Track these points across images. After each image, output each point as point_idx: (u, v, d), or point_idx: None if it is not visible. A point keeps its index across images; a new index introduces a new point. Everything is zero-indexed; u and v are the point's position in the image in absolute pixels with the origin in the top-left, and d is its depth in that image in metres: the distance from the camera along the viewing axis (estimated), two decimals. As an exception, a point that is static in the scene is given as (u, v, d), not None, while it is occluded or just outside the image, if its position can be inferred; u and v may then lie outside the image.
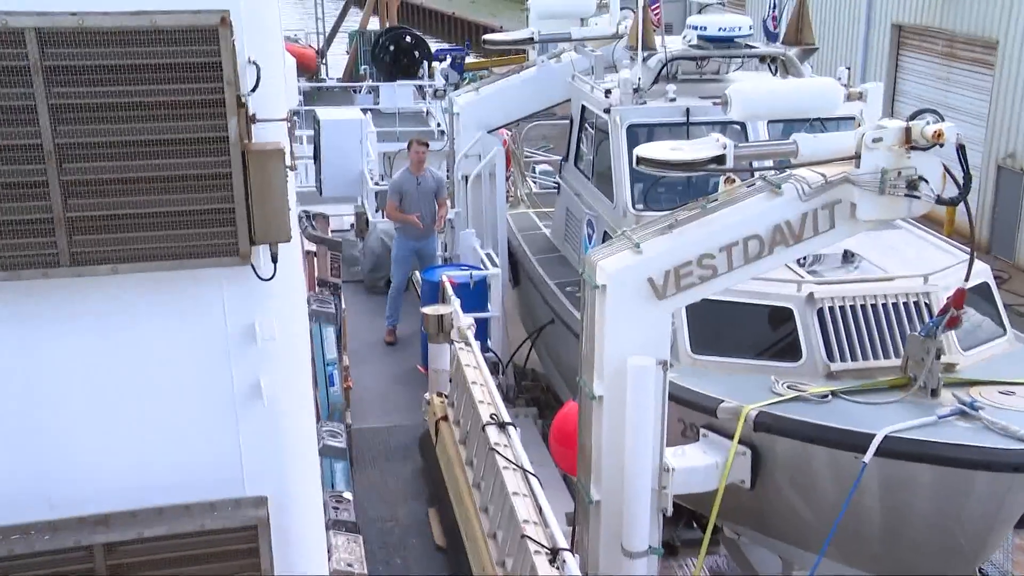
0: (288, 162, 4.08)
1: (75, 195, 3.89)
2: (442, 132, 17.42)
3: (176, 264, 4.03)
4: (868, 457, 6.74)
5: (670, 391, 6.72)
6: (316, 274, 9.14)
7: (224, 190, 3.99)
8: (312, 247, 9.16)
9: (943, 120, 6.29)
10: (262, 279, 4.18)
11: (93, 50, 3.77)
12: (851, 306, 7.98)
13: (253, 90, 3.99)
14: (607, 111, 9.94)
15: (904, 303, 7.99)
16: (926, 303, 7.96)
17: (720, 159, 6.49)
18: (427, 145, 11.80)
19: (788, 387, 7.50)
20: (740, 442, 7.27)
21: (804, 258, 8.49)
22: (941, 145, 6.20)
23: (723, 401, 7.47)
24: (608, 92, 10.10)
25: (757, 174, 6.96)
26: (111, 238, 3.95)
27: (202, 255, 4.04)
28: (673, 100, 9.72)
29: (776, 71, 10.47)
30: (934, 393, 7.16)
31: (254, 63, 3.98)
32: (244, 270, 4.13)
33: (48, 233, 3.89)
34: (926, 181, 6.30)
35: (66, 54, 3.76)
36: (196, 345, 4.23)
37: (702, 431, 7.52)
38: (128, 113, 3.85)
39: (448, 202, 12.12)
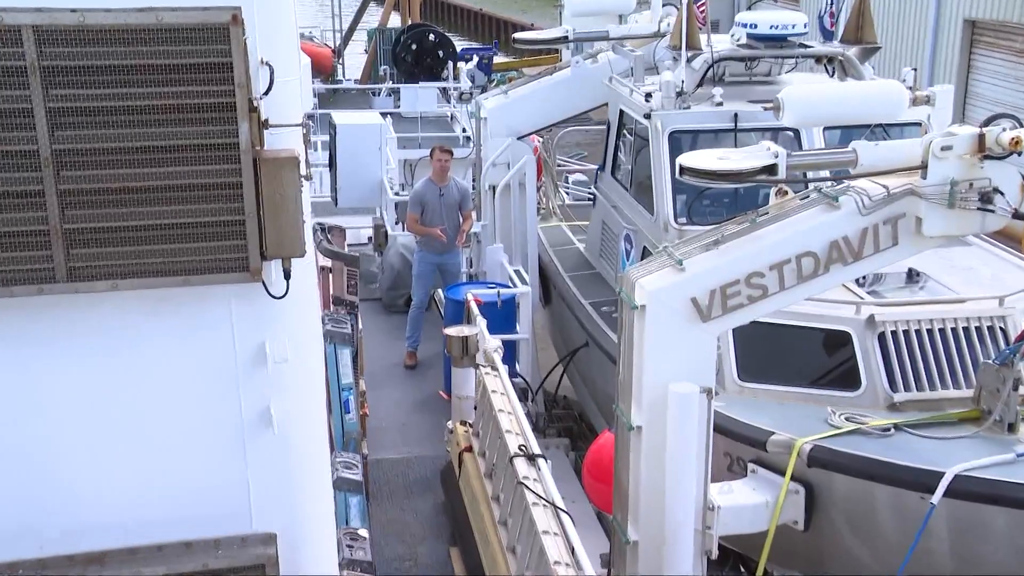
0: (303, 171, 4.10)
1: (73, 205, 3.92)
2: (468, 138, 17.48)
3: (181, 280, 4.06)
4: (936, 498, 6.64)
5: (715, 422, 6.66)
6: (331, 292, 9.17)
7: (234, 201, 4.01)
8: (327, 262, 9.19)
9: (1022, 126, 6.21)
10: (274, 297, 4.19)
11: (94, 49, 3.81)
12: (916, 330, 7.90)
13: (266, 93, 4.01)
14: (647, 116, 9.93)
15: (976, 327, 7.89)
16: (1001, 328, 7.86)
17: (771, 169, 6.45)
18: (451, 152, 11.86)
19: (846, 419, 7.43)
20: (793, 479, 7.20)
21: (864, 278, 8.42)
22: (1019, 154, 6.12)
23: (774, 433, 7.41)
24: (648, 96, 10.09)
25: (812, 186, 6.91)
26: (111, 252, 3.98)
27: (209, 271, 4.06)
28: (720, 104, 9.70)
29: (833, 73, 10.41)
30: (1011, 428, 7.05)
31: (267, 64, 4.00)
32: (254, 287, 4.14)
33: (44, 246, 3.93)
34: (1001, 193, 6.22)
35: (66, 53, 3.80)
36: (202, 368, 4.25)
37: (751, 466, 7.47)
38: (131, 117, 3.88)
39: (473, 214, 12.15)
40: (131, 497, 4.26)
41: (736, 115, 9.62)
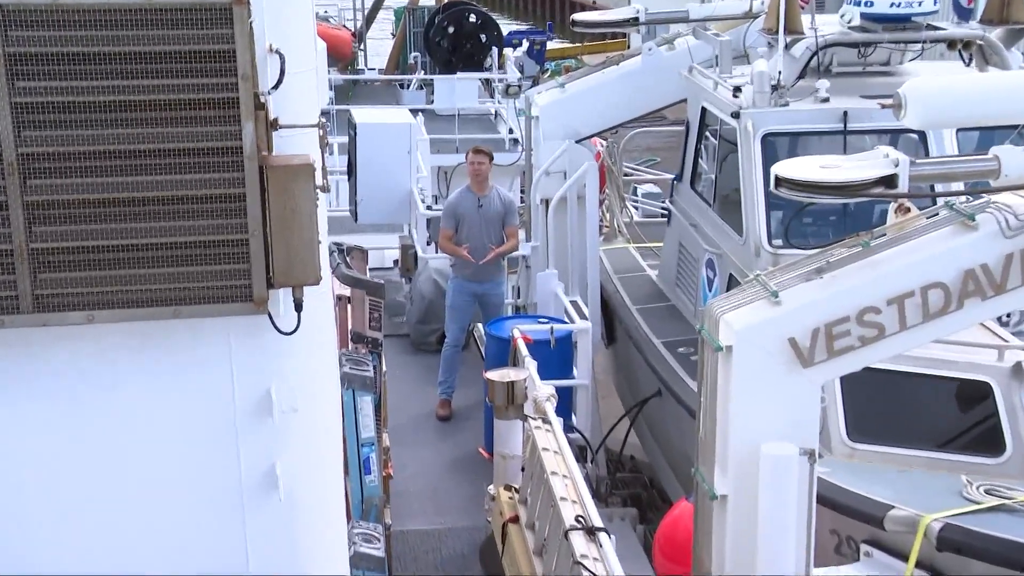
0: (319, 181, 4.13)
1: (42, 220, 3.97)
2: (515, 141, 17.51)
3: (171, 312, 4.09)
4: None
5: (819, 492, 6.58)
6: (350, 326, 9.20)
7: (235, 216, 4.05)
8: (345, 291, 9.22)
9: None
10: (282, 333, 4.22)
11: (70, 34, 3.87)
12: (1075, 382, 7.78)
13: (275, 87, 4.06)
14: (735, 115, 9.90)
15: None
16: None
17: (890, 181, 6.40)
18: (489, 155, 11.86)
19: (985, 491, 7.34)
20: (918, 565, 7.12)
21: (1007, 316, 8.30)
22: None
23: (893, 508, 7.34)
24: (737, 90, 10.06)
25: (941, 201, 6.84)
26: (87, 277, 4.03)
27: (205, 301, 4.10)
28: (826, 100, 9.65)
29: (970, 60, 10.31)
30: None
31: (277, 52, 4.05)
32: (259, 321, 4.17)
33: (6, 270, 3.98)
34: None
35: (35, 38, 3.86)
36: (194, 418, 4.28)
37: (864, 548, 7.40)
38: (113, 116, 3.94)
39: (519, 232, 12.15)
40: (107, 572, 4.28)
41: (846, 114, 9.56)
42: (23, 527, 4.23)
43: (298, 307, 4.21)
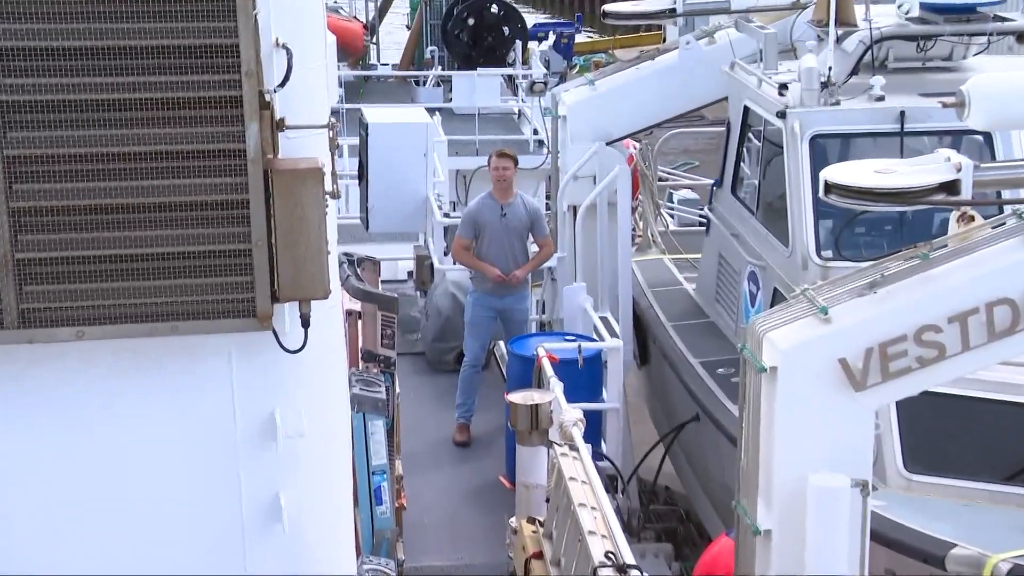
0: (328, 186, 4.15)
1: (28, 228, 4.00)
2: (540, 143, 17.52)
3: (168, 328, 4.11)
4: None
5: (873, 527, 6.56)
6: (361, 344, 9.22)
7: (237, 225, 4.07)
8: (355, 306, 9.25)
9: None
10: (287, 351, 4.24)
11: (58, 27, 3.90)
12: None
13: (282, 85, 4.08)
14: (781, 115, 9.89)
15: None
16: None
17: (951, 187, 6.38)
18: (515, 159, 11.87)
19: (1055, 527, 7.28)
20: (982, 609, 7.05)
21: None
22: None
23: (955, 546, 7.28)
24: (784, 87, 10.05)
25: (1008, 209, 6.81)
26: (77, 290, 4.05)
27: (204, 316, 4.11)
28: (881, 99, 9.63)
29: (1042, 55, 10.30)
30: None
31: (284, 47, 4.06)
32: (262, 338, 4.19)
33: (-10, 282, 4.00)
34: None
35: (21, 31, 3.89)
36: (191, 443, 4.30)
37: (922, 589, 7.33)
38: (106, 116, 3.97)
39: (549, 242, 12.16)
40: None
41: (903, 113, 9.54)
42: (12, 551, 4.25)
43: (305, 323, 4.22)
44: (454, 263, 13.21)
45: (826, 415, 6.36)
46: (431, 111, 16.59)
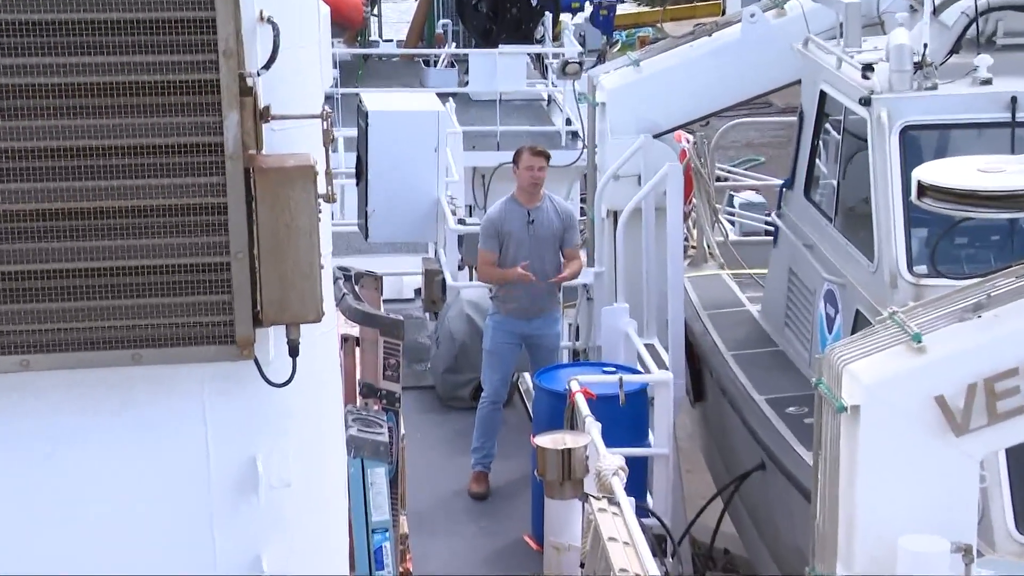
0: (322, 187, 4.14)
1: (-42, 239, 4.00)
2: (575, 136, 17.53)
3: (128, 356, 4.10)
4: None
5: (980, 602, 6.53)
6: (359, 376, 9.22)
7: (213, 233, 4.06)
8: (354, 330, 9.25)
9: None
10: (272, 385, 4.23)
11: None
12: None
13: (267, 66, 4.08)
14: (865, 102, 9.87)
15: None
16: None
17: (1073, 189, 6.36)
18: (547, 156, 11.87)
19: None
20: None
21: None
22: None
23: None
24: (869, 68, 10.03)
25: None
26: (20, 311, 4.04)
27: (172, 342, 4.11)
28: (987, 82, 9.62)
29: None
30: None
31: (270, 21, 4.07)
32: (242, 369, 4.19)
33: (-84, 302, 4.01)
34: None
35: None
36: (156, 495, 4.28)
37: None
38: (55, 103, 3.96)
39: (583, 254, 12.14)
40: None
41: (1014, 100, 9.52)
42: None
43: (293, 352, 4.21)
44: (470, 279, 13.21)
45: (920, 464, 6.35)
46: (443, 97, 16.58)
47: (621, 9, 28.91)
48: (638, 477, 10.25)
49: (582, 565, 8.69)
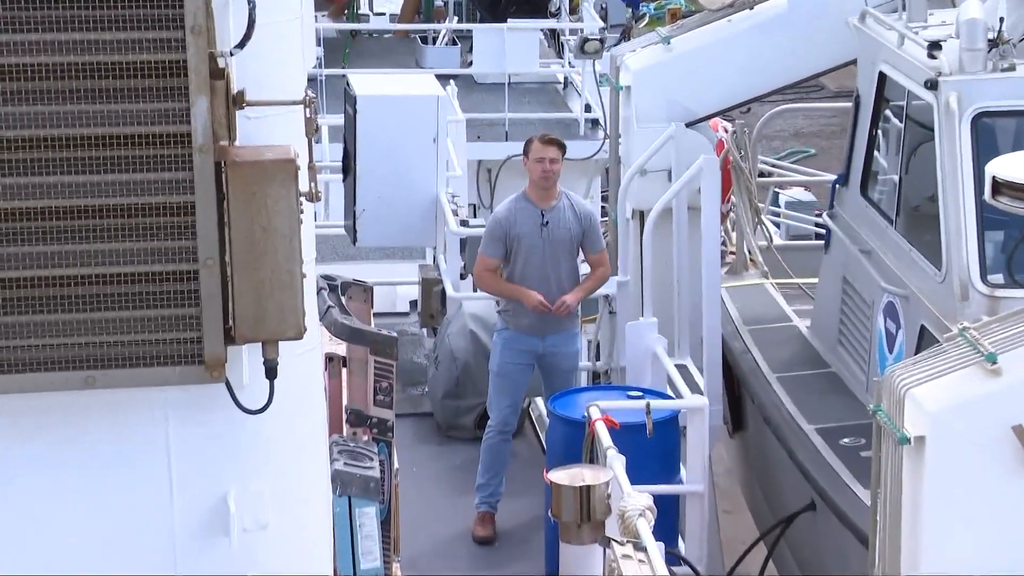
0: (304, 184, 4.14)
1: None
2: (595, 124, 17.54)
3: (80, 379, 4.10)
4: None
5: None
6: (347, 401, 9.21)
7: (179, 237, 4.06)
8: (340, 349, 9.25)
9: None
10: (246, 411, 4.23)
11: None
12: None
13: (241, 45, 4.08)
14: (931, 85, 9.86)
15: None
16: None
17: None
18: (563, 147, 11.86)
19: None
20: None
21: None
22: None
23: None
24: (936, 46, 10.01)
25: None
26: (-43, 328, 4.05)
27: (132, 363, 4.10)
28: (1073, 65, 9.63)
29: None
30: None
31: (243, -6, 4.07)
32: (211, 393, 4.19)
33: None
34: None
35: None
36: (114, 536, 4.29)
37: None
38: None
39: (605, 259, 12.13)
40: None
41: (1108, 85, 9.56)
42: None
43: (270, 373, 4.21)
44: (475, 290, 13.20)
45: (994, 501, 6.39)
46: (443, 79, 16.62)
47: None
48: (668, 519, 10.24)
49: (603, 619, 8.68)
